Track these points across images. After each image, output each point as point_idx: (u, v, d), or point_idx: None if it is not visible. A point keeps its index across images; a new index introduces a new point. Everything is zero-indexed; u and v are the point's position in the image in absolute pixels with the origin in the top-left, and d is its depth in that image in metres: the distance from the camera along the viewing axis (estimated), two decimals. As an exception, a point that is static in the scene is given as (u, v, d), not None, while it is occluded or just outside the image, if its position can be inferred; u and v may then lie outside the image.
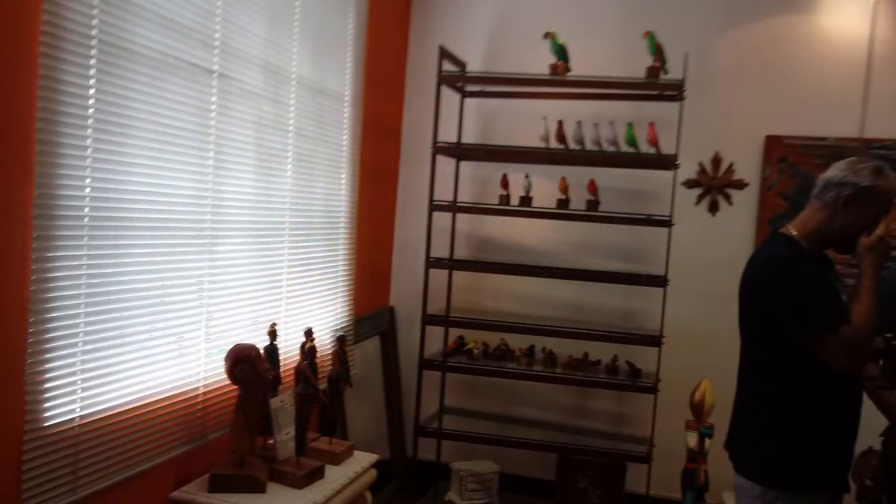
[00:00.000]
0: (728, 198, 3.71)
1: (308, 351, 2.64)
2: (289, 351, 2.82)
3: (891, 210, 1.98)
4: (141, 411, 2.10)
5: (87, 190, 1.87)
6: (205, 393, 2.40)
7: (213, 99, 2.36)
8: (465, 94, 3.82)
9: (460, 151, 3.77)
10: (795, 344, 1.94)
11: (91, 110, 1.86)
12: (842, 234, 1.99)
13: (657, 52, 3.28)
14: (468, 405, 3.99)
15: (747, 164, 3.68)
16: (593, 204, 3.44)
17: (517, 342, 3.71)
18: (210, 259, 2.39)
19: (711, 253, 3.70)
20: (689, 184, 3.73)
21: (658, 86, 3.34)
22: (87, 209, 1.87)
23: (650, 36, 3.29)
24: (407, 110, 4.12)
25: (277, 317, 2.81)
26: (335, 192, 3.27)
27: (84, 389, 1.90)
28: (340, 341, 2.92)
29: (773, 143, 3.62)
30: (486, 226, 3.98)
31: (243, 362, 2.28)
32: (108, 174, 1.94)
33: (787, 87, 3.61)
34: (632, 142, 3.38)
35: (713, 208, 3.73)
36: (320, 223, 3.14)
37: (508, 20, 3.93)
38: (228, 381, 2.34)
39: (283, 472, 2.38)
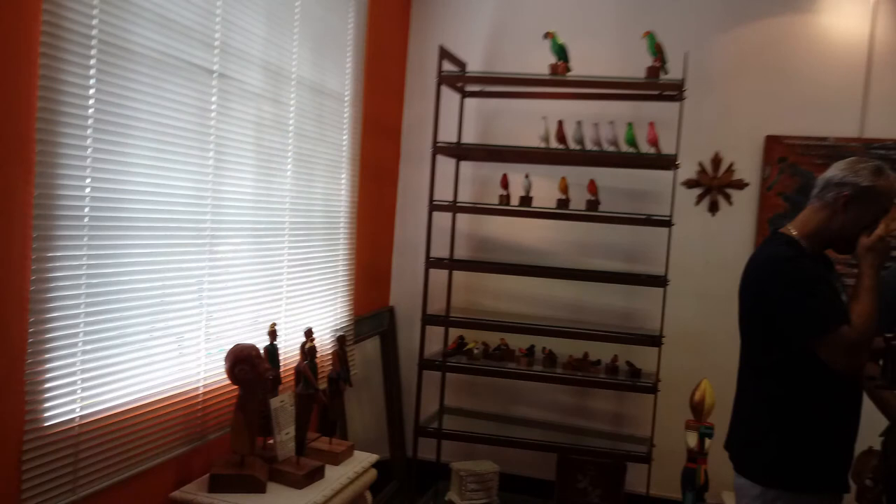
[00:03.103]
0: (728, 198, 3.71)
1: (308, 351, 2.64)
2: (289, 351, 2.82)
3: (891, 210, 1.98)
4: (141, 411, 2.10)
5: (87, 190, 1.87)
6: (205, 393, 2.40)
7: (213, 99, 2.36)
8: (465, 94, 3.82)
9: (460, 151, 3.77)
10: (795, 344, 1.94)
11: (91, 110, 1.86)
12: (842, 234, 2.00)
13: (657, 52, 3.28)
14: (468, 405, 3.99)
15: (747, 164, 3.68)
16: (593, 204, 3.44)
17: (517, 342, 3.71)
18: (210, 259, 2.39)
19: (711, 253, 3.70)
20: (689, 184, 3.73)
21: (658, 86, 3.33)
22: (87, 209, 1.87)
23: (650, 36, 3.29)
24: (407, 110, 4.11)
25: (277, 317, 2.81)
26: (335, 192, 3.27)
27: (84, 389, 1.90)
28: (340, 341, 2.92)
29: (773, 143, 3.62)
30: (486, 226, 3.98)
31: (243, 362, 2.28)
32: (108, 174, 1.94)
33: (787, 87, 3.61)
34: (632, 142, 3.38)
35: (713, 208, 3.73)
36: (320, 223, 3.14)
37: (508, 20, 3.93)
38: (228, 381, 2.34)
39: (283, 472, 2.38)
